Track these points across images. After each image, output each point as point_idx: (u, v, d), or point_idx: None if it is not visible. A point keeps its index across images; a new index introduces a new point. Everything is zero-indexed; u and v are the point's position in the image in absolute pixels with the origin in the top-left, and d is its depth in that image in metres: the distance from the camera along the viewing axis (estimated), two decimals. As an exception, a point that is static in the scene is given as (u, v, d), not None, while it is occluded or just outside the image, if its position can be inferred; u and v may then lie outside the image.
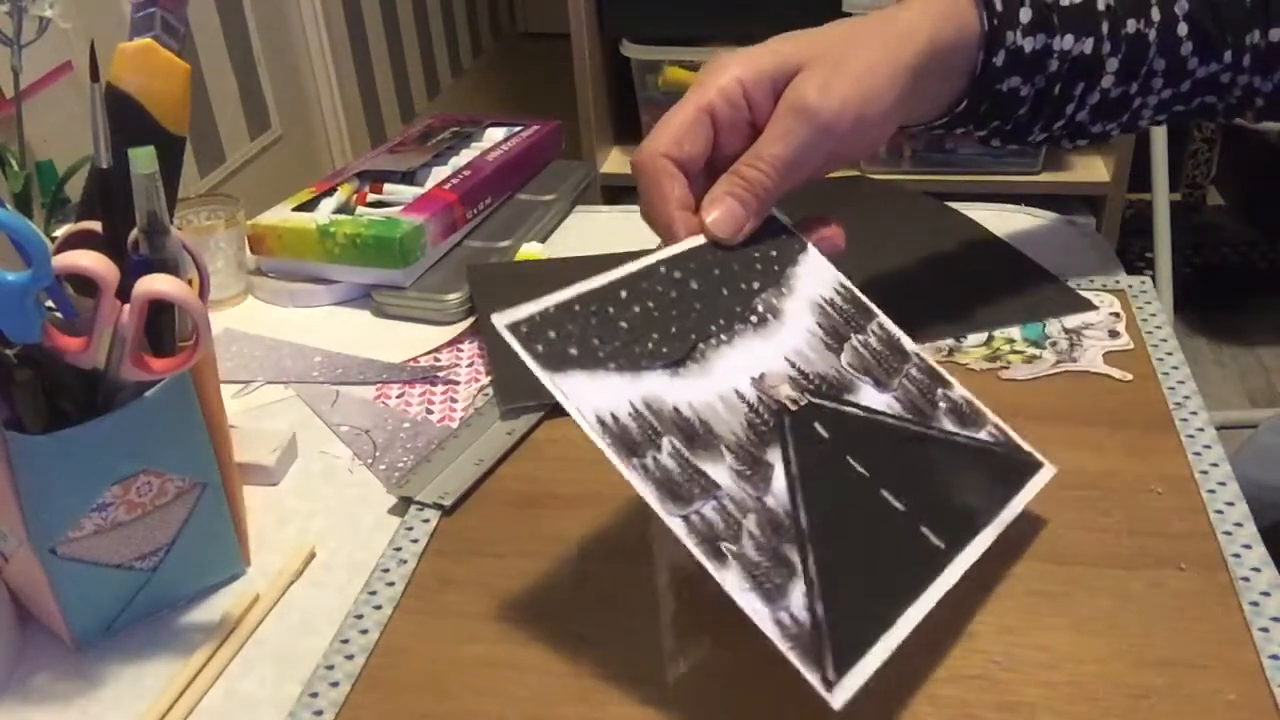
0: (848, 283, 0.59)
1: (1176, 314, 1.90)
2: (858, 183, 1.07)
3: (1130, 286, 0.78)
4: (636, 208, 0.59)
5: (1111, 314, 0.75)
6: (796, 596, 0.46)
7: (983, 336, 0.73)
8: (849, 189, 1.01)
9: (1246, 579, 0.53)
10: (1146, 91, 0.66)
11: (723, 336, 0.54)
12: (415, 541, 0.60)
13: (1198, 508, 0.58)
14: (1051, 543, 0.56)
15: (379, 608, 0.56)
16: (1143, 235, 1.89)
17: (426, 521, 0.61)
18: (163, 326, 0.53)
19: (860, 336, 0.57)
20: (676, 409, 0.50)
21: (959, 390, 0.58)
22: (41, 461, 0.50)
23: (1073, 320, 0.74)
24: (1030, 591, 0.54)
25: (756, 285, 0.57)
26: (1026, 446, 0.57)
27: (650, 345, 0.51)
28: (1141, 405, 0.66)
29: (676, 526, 0.46)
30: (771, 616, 0.44)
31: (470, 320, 0.82)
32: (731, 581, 0.45)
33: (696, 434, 0.49)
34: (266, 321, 0.85)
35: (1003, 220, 0.88)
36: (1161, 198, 1.81)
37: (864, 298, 0.59)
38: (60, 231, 0.55)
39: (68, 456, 0.51)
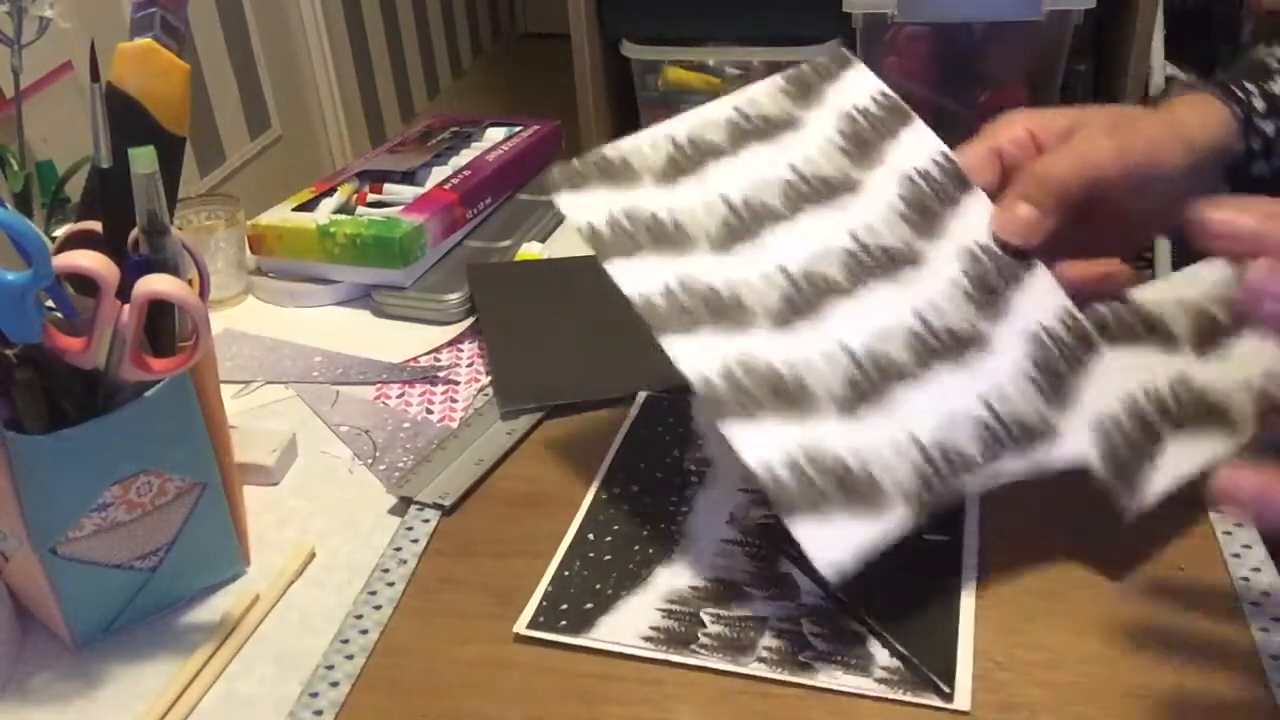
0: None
1: (1177, 314, 1.89)
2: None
3: (1130, 286, 0.78)
4: (636, 208, 0.59)
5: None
6: (879, 653, 0.50)
7: (983, 336, 0.73)
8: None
9: (1246, 579, 0.53)
10: None
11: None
12: (415, 541, 0.60)
13: (1198, 508, 0.57)
14: (1051, 543, 0.56)
15: (379, 608, 0.56)
16: (1143, 235, 1.89)
17: (426, 521, 0.61)
18: (163, 326, 0.53)
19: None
20: (696, 635, 0.53)
21: None
22: (41, 461, 0.50)
23: (1073, 320, 0.74)
24: (1030, 592, 0.53)
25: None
26: None
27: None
28: (1141, 405, 0.66)
29: (757, 671, 0.50)
30: (873, 680, 0.49)
31: (470, 320, 0.82)
32: (825, 679, 0.49)
33: (720, 596, 0.54)
34: (266, 321, 0.85)
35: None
36: (1162, 198, 1.80)
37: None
38: (60, 231, 0.55)
39: (68, 456, 0.51)
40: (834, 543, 0.46)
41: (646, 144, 0.57)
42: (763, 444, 0.48)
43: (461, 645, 0.53)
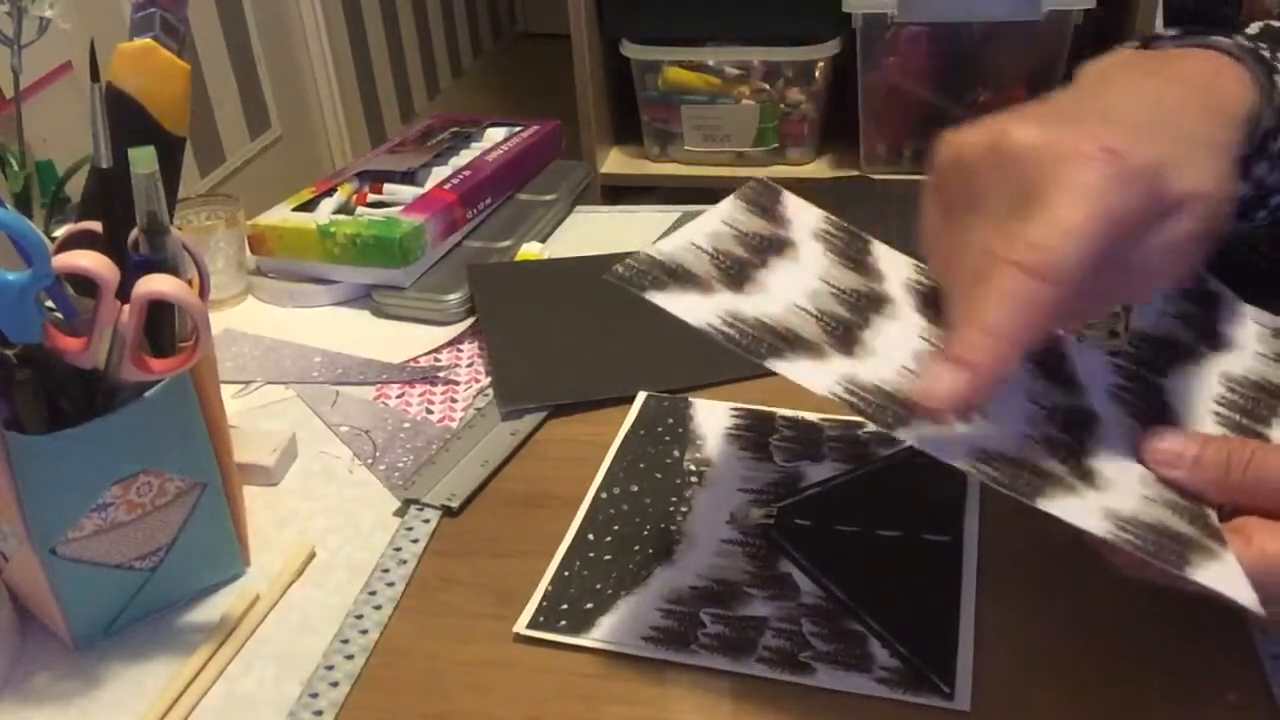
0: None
1: (1176, 314, 1.89)
2: (858, 183, 1.07)
3: (1130, 286, 0.78)
4: (636, 208, 0.59)
5: (1111, 313, 0.75)
6: (880, 653, 0.51)
7: (983, 336, 0.73)
8: (849, 189, 1.01)
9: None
10: None
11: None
12: (415, 541, 0.60)
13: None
14: (1050, 543, 0.56)
15: (379, 608, 0.56)
16: (1143, 235, 1.89)
17: (427, 522, 0.61)
18: (163, 326, 0.53)
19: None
20: (686, 613, 0.53)
21: None
22: (41, 461, 0.50)
23: (1073, 320, 0.74)
24: (1030, 592, 0.54)
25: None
26: None
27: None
28: (1141, 405, 0.66)
29: (757, 671, 0.50)
30: (873, 680, 0.49)
31: (470, 320, 0.82)
32: (825, 679, 0.49)
33: (720, 596, 0.54)
34: (266, 321, 0.85)
35: (1003, 220, 0.88)
36: (1161, 198, 1.80)
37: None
38: (60, 231, 0.55)
39: (68, 456, 0.51)
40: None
41: (684, 251, 0.50)
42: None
43: (461, 645, 0.53)
